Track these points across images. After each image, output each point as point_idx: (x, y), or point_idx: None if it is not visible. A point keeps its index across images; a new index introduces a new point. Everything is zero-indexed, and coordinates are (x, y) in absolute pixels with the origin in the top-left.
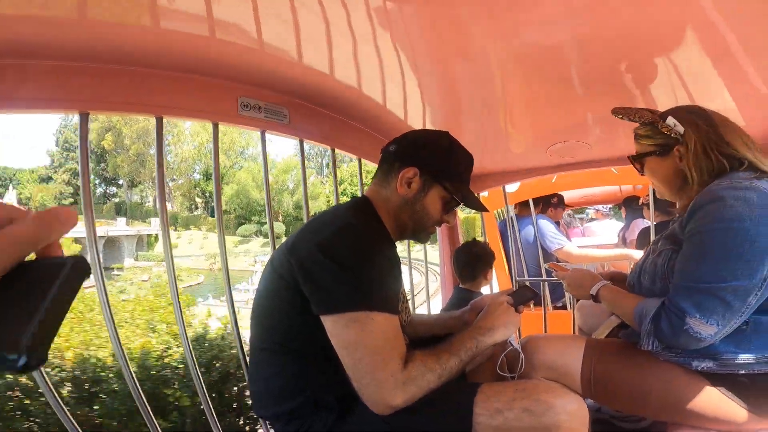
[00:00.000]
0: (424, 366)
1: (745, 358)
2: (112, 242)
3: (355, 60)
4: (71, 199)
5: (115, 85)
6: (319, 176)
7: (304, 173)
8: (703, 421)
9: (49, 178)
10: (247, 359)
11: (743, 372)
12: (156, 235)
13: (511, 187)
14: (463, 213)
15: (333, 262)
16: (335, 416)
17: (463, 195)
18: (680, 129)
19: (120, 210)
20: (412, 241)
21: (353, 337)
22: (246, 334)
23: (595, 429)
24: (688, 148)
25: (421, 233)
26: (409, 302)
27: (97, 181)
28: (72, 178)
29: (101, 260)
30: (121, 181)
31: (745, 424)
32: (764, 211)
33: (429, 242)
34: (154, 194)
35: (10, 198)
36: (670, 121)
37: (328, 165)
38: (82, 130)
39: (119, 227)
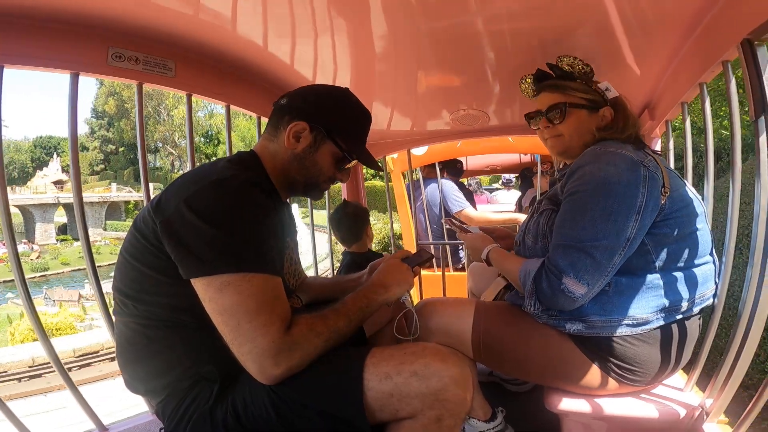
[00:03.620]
0: (310, 330)
1: (608, 320)
2: (71, 209)
3: (263, 15)
4: (102, 166)
5: None
6: None
7: (190, 127)
8: (574, 384)
9: (86, 148)
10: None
11: (606, 335)
12: (135, 201)
13: (419, 150)
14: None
15: (202, 219)
16: (218, 388)
17: (357, 153)
18: (614, 94)
19: (138, 175)
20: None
21: (228, 302)
22: None
23: (486, 391)
24: (625, 111)
25: (312, 190)
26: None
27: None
28: (102, 144)
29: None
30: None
31: (610, 389)
32: (630, 175)
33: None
34: (171, 159)
35: (55, 166)
36: (603, 84)
37: None
38: None
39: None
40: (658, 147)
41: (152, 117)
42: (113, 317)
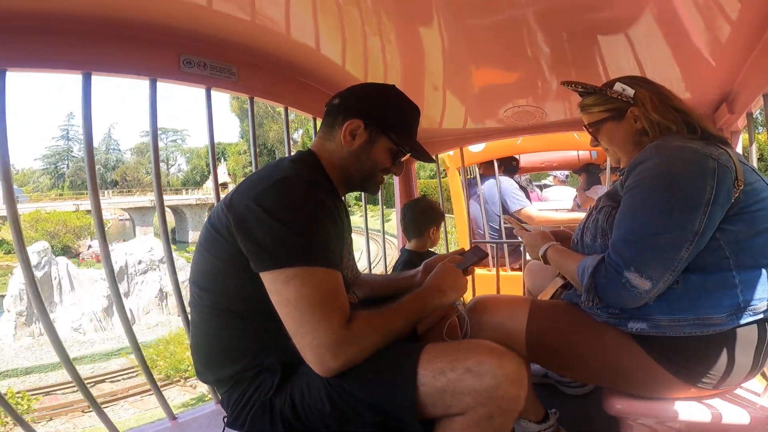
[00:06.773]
0: (369, 325)
1: (675, 319)
2: (178, 213)
3: (314, 19)
4: (249, 168)
5: (36, 41)
6: None
7: (253, 130)
8: (635, 386)
9: (238, 152)
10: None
11: (673, 335)
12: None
13: (476, 147)
14: (424, 179)
15: (270, 216)
16: (278, 379)
17: (410, 146)
18: (630, 92)
19: None
20: (368, 206)
21: (293, 294)
22: None
23: (541, 394)
24: (645, 106)
25: (368, 184)
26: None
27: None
28: (248, 148)
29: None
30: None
31: (676, 392)
32: (696, 168)
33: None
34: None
35: (222, 170)
36: (618, 86)
37: None
38: None
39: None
40: (740, 143)
41: (268, 116)
42: (188, 309)
